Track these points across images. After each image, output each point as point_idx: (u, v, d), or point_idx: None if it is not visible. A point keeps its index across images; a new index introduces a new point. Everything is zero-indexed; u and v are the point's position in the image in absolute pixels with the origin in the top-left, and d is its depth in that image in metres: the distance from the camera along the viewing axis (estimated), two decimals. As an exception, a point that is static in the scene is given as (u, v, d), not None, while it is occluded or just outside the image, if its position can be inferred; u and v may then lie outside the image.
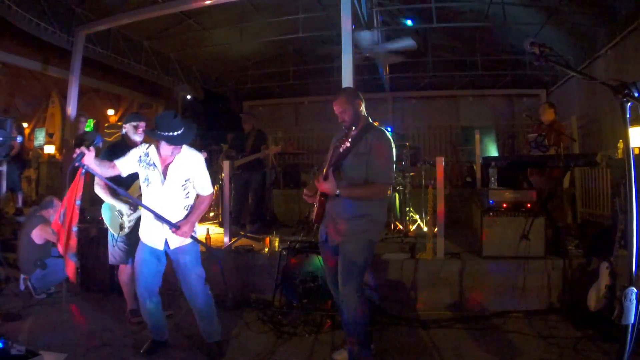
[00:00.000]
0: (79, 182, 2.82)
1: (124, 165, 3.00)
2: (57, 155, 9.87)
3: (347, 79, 4.35)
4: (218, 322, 3.15)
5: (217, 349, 3.09)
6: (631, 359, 1.48)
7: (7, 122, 4.92)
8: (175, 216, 2.96)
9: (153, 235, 3.00)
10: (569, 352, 3.05)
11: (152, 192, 2.98)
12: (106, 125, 12.16)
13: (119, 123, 12.10)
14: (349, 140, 2.67)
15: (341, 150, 2.70)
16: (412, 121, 11.09)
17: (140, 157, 2.99)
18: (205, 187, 3.04)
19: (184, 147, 2.99)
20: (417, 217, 5.89)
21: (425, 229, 5.47)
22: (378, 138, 2.75)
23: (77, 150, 2.67)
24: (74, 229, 2.82)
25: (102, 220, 3.73)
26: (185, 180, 2.98)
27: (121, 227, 3.53)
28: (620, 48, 6.04)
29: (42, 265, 4.34)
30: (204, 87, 10.81)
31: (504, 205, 4.13)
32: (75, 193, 2.82)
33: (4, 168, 6.30)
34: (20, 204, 7.02)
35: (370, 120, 2.89)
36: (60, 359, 2.96)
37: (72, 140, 5.87)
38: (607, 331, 3.12)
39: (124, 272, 3.71)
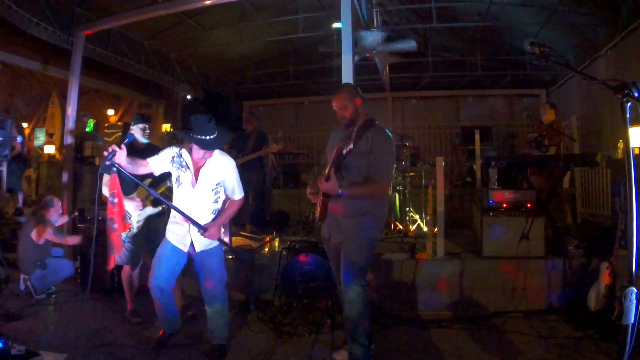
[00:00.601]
0: (114, 180, 2.84)
1: (157, 164, 3.01)
2: (57, 155, 9.88)
3: (347, 79, 4.34)
4: (227, 325, 3.17)
5: (220, 352, 3.09)
6: (631, 359, 1.48)
7: (7, 122, 4.94)
8: (203, 219, 2.97)
9: (179, 236, 3.01)
10: (569, 352, 3.05)
11: (182, 193, 2.99)
12: (106, 125, 12.16)
13: (119, 123, 12.11)
14: (352, 141, 2.67)
15: (344, 152, 2.70)
16: (412, 121, 11.10)
17: (173, 157, 3.01)
18: (236, 191, 3.06)
19: (216, 151, 3.00)
20: (417, 217, 5.90)
21: (425, 229, 5.47)
22: (378, 136, 2.74)
23: (109, 149, 2.65)
24: (112, 225, 2.86)
25: (102, 220, 3.72)
26: (216, 184, 3.00)
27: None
28: (620, 48, 6.04)
29: (42, 265, 4.34)
30: (204, 87, 10.80)
31: (504, 205, 4.13)
32: (111, 191, 2.84)
33: (4, 168, 6.30)
34: (20, 204, 7.02)
35: (369, 117, 2.87)
36: (60, 359, 2.96)
37: (72, 141, 5.86)
38: (607, 331, 3.12)
39: (126, 272, 3.71)
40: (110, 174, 2.81)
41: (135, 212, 3.54)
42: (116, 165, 2.67)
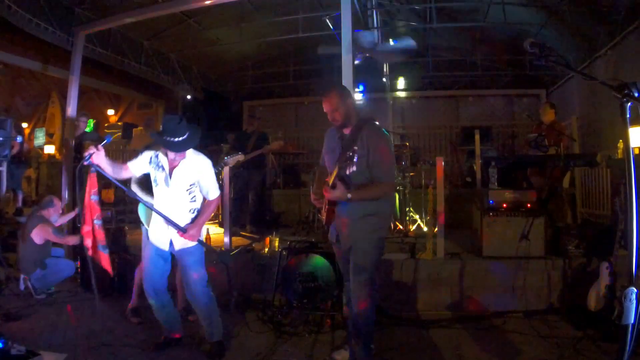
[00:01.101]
0: (91, 179, 2.82)
1: (136, 167, 3.02)
2: (57, 155, 9.89)
3: (347, 79, 4.34)
4: (220, 322, 3.16)
5: (218, 349, 3.09)
6: (631, 359, 1.48)
7: (7, 122, 4.93)
8: (182, 219, 2.97)
9: (159, 236, 3.03)
10: (569, 352, 3.05)
11: (159, 193, 3.01)
12: (106, 125, 12.17)
13: (119, 123, 12.12)
14: (357, 148, 2.64)
15: (348, 172, 2.68)
16: (412, 121, 11.09)
17: (151, 158, 3.02)
18: (211, 191, 3.05)
19: (192, 151, 2.99)
20: (417, 217, 5.89)
21: (425, 229, 5.47)
22: (373, 136, 2.71)
23: (89, 150, 2.66)
24: (97, 222, 2.83)
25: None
26: (191, 185, 2.99)
27: None
28: (620, 48, 6.04)
29: (42, 265, 4.34)
30: (204, 87, 10.80)
31: (504, 205, 4.13)
32: (89, 190, 2.82)
33: (4, 168, 6.30)
34: (20, 204, 7.02)
35: (362, 117, 2.83)
36: (60, 359, 2.96)
37: (72, 141, 5.86)
38: (607, 331, 3.12)
39: (140, 269, 3.75)
40: (84, 174, 2.81)
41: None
42: (94, 165, 2.69)
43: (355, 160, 2.64)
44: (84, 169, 2.70)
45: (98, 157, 2.67)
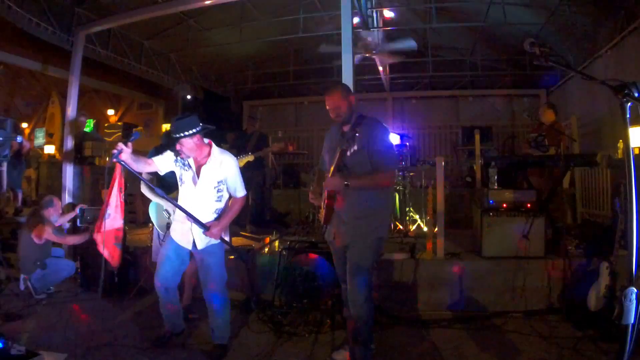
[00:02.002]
0: (121, 177, 2.97)
1: (161, 163, 3.05)
2: (57, 155, 9.88)
3: (347, 79, 4.35)
4: (228, 326, 3.18)
5: (220, 352, 3.09)
6: (631, 359, 1.48)
7: (7, 122, 4.94)
8: (205, 218, 2.99)
9: (182, 234, 3.06)
10: (569, 352, 3.05)
11: (185, 192, 3.04)
12: (106, 125, 12.16)
13: (119, 123, 12.11)
14: (355, 142, 2.67)
15: (349, 154, 2.71)
16: (412, 121, 11.09)
17: (177, 157, 3.04)
18: (238, 189, 3.07)
19: (217, 149, 3.04)
20: (417, 217, 5.90)
21: (425, 229, 5.47)
22: (372, 128, 2.74)
23: (118, 147, 2.69)
24: (121, 222, 3.01)
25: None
26: (218, 182, 3.01)
27: (168, 226, 3.57)
28: (620, 48, 6.04)
29: (42, 265, 4.34)
30: (204, 87, 10.80)
31: (504, 205, 4.13)
32: (119, 188, 3.00)
33: (4, 168, 6.30)
34: (20, 204, 7.02)
35: (361, 113, 2.87)
36: (60, 359, 2.96)
37: (72, 141, 5.86)
38: (607, 331, 3.12)
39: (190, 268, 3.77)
40: (113, 171, 2.88)
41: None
42: (122, 162, 2.73)
43: (354, 143, 2.67)
44: (112, 165, 2.79)
45: (126, 154, 2.72)
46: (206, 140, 3.03)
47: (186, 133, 2.84)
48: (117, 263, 3.24)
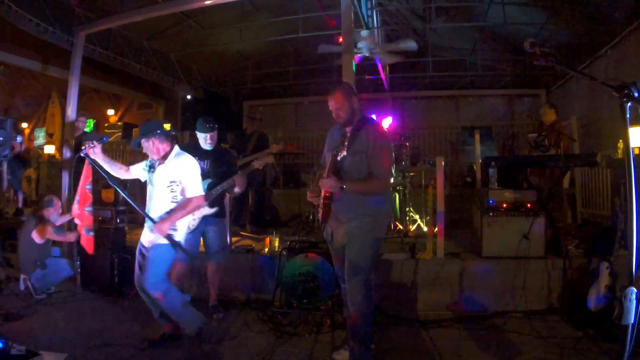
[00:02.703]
0: (87, 171, 3.30)
1: (136, 170, 3.29)
2: (57, 155, 9.88)
3: (347, 79, 4.35)
4: (190, 317, 3.15)
5: (194, 341, 3.12)
6: (631, 359, 1.48)
7: (7, 122, 4.93)
8: (160, 217, 3.08)
9: (143, 233, 3.19)
10: (569, 352, 3.05)
11: (148, 193, 3.20)
12: (106, 125, 12.17)
13: (119, 123, 12.12)
14: (345, 147, 2.70)
15: (339, 158, 2.75)
16: (412, 121, 11.09)
17: (147, 162, 3.23)
18: (189, 189, 3.09)
19: (175, 151, 3.15)
20: (417, 217, 5.89)
21: (425, 229, 5.46)
22: (374, 132, 2.75)
23: (87, 144, 2.96)
24: (88, 209, 3.34)
25: (102, 219, 3.73)
26: (171, 182, 3.08)
27: None
28: (620, 48, 6.04)
29: (42, 265, 4.34)
30: (204, 87, 10.80)
31: (504, 205, 4.12)
32: (85, 180, 3.35)
33: (4, 168, 6.30)
34: (20, 204, 7.02)
35: (364, 115, 2.88)
36: (60, 359, 2.96)
37: (72, 141, 5.85)
38: (607, 331, 3.12)
39: (211, 267, 3.83)
40: (80, 165, 3.25)
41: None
42: (89, 159, 2.99)
43: (344, 149, 2.73)
44: (80, 160, 3.10)
45: (94, 152, 2.98)
46: (172, 145, 3.17)
47: (143, 137, 3.07)
48: (90, 248, 3.56)
